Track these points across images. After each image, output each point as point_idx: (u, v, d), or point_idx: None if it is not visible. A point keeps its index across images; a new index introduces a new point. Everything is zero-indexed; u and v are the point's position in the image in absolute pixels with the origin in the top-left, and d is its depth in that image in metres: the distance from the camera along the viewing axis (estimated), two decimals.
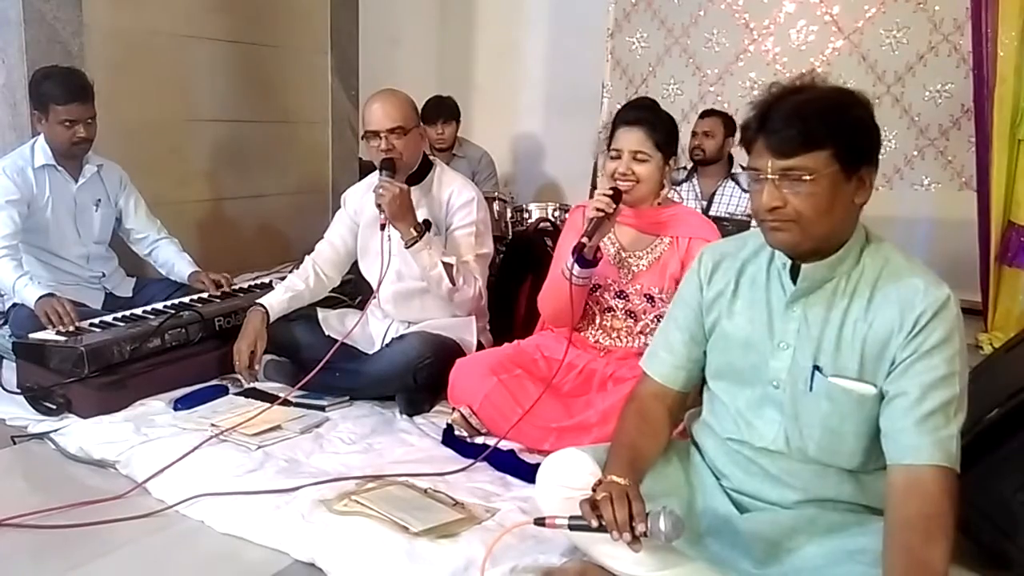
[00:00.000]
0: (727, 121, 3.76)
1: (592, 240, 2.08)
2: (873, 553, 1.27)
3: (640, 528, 1.28)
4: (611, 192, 2.11)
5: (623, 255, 2.27)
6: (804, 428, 1.38)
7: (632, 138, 2.15)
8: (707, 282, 1.52)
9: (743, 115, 1.37)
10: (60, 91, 2.73)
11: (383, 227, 2.45)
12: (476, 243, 2.57)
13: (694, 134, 3.77)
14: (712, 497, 1.51)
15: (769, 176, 1.29)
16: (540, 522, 1.41)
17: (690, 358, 1.55)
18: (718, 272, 1.51)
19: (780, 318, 1.40)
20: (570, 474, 1.51)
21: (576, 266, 2.13)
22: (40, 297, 2.59)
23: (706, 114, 3.82)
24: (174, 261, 3.09)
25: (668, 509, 1.30)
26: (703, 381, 1.59)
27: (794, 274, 1.39)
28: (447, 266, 2.46)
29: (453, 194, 2.58)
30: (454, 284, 2.48)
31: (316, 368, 2.40)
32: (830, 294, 1.36)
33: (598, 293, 2.29)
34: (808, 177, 1.26)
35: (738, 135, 3.91)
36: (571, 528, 1.36)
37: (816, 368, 1.36)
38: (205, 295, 2.94)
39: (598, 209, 2.08)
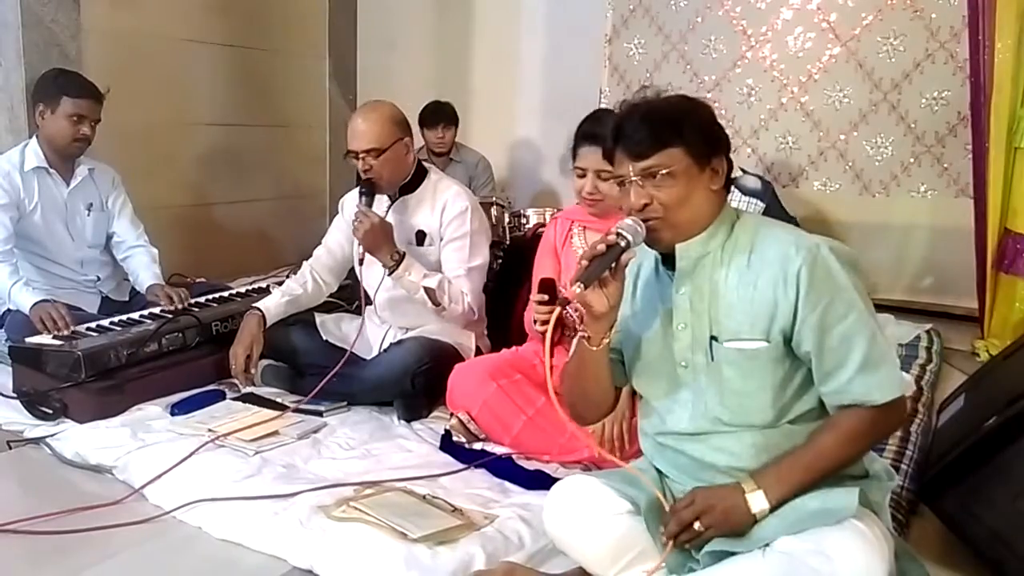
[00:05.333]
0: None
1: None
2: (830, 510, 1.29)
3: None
4: (544, 300, 1.77)
5: None
6: (716, 397, 1.42)
7: (595, 158, 2.11)
8: None
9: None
10: (75, 85, 2.77)
11: (361, 261, 2.47)
12: (469, 256, 2.56)
13: None
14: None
15: (632, 178, 1.41)
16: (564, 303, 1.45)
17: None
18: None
19: (673, 302, 1.47)
20: (583, 502, 1.50)
21: None
22: (36, 303, 2.59)
23: None
24: (139, 272, 3.01)
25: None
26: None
27: (668, 263, 1.47)
28: (429, 290, 2.45)
29: (447, 204, 2.56)
30: (438, 306, 2.48)
31: (325, 379, 2.41)
32: (709, 268, 1.43)
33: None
34: (665, 171, 1.39)
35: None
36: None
37: (713, 339, 1.42)
38: (202, 299, 2.94)
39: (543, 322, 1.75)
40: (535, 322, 1.87)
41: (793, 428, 1.41)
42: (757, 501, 1.33)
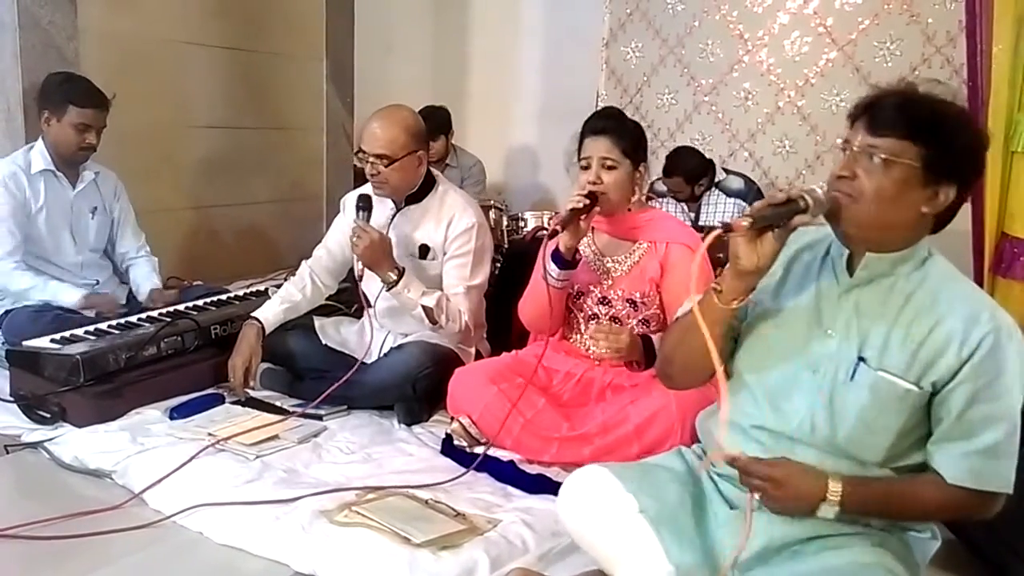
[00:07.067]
0: (690, 172, 3.70)
1: (564, 232, 2.08)
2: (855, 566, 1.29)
3: None
4: (587, 193, 2.11)
5: (602, 260, 2.27)
6: (838, 416, 1.36)
7: (600, 146, 2.16)
8: None
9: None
10: (82, 94, 2.76)
11: (360, 277, 2.44)
12: (471, 274, 2.53)
13: (666, 183, 3.75)
14: (719, 522, 1.46)
15: (854, 148, 1.32)
16: (727, 228, 1.31)
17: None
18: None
19: (830, 305, 1.40)
20: (596, 493, 1.48)
21: (554, 266, 2.13)
22: (87, 293, 2.71)
23: (670, 172, 3.72)
24: (140, 282, 3.02)
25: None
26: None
27: (850, 268, 1.39)
28: (427, 308, 2.43)
29: (454, 219, 2.52)
30: (435, 323, 2.45)
31: (333, 387, 2.41)
32: (886, 290, 1.36)
33: (581, 300, 2.29)
34: (884, 157, 1.29)
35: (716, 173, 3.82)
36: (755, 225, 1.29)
37: (861, 359, 1.35)
38: (200, 302, 2.92)
39: (572, 208, 2.08)
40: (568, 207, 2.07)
41: (891, 476, 1.37)
42: (827, 510, 1.32)
